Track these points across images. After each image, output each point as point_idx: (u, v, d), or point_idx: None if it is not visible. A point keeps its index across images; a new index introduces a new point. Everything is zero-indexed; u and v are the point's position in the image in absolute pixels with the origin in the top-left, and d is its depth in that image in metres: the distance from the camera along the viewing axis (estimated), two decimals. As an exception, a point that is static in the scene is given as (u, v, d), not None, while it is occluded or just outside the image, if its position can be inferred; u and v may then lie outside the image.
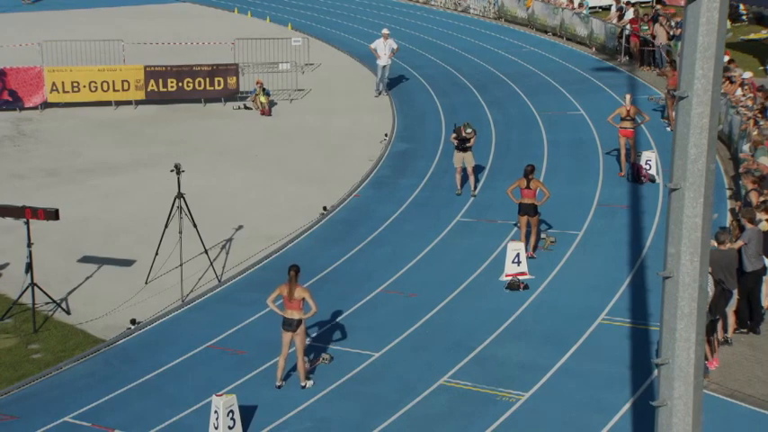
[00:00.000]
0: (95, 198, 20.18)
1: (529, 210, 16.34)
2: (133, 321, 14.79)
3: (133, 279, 16.29)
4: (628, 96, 20.85)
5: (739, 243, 13.65)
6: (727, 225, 16.58)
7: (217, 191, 20.36)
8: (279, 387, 12.77)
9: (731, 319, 13.55)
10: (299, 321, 12.47)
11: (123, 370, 13.56)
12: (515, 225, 17.15)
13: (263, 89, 26.94)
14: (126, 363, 13.78)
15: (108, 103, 27.01)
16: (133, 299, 15.58)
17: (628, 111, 20.24)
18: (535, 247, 16.64)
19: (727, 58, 23.17)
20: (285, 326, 12.54)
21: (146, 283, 16.11)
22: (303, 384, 12.75)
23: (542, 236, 17.06)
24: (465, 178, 19.86)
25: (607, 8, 36.53)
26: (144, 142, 24.07)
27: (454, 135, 19.57)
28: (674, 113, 24.19)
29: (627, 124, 20.26)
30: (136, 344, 14.38)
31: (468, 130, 19.35)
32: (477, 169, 20.44)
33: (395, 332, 14.30)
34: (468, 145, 19.40)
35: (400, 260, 16.90)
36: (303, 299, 12.46)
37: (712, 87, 7.36)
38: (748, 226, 13.82)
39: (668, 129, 23.36)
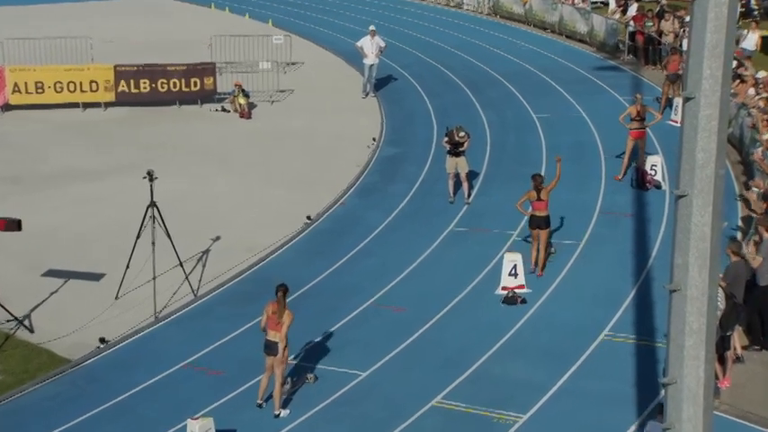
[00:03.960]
0: (62, 207, 20.10)
1: (541, 222, 16.30)
2: (102, 340, 14.73)
3: (102, 294, 16.22)
4: (638, 95, 20.94)
5: (759, 260, 13.65)
6: (739, 225, 16.66)
7: (193, 199, 20.31)
8: (259, 406, 12.73)
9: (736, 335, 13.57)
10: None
11: (91, 392, 13.48)
12: (526, 240, 17.12)
13: (243, 90, 26.91)
14: (94, 384, 13.71)
15: (75, 105, 26.92)
16: (102, 315, 15.51)
17: (638, 110, 20.31)
18: (543, 266, 16.57)
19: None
20: (267, 349, 12.45)
21: (116, 298, 16.05)
22: (277, 413, 12.67)
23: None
24: (458, 185, 19.88)
25: (608, 3, 36.66)
26: (114, 147, 23.99)
27: (446, 139, 19.59)
28: (665, 98, 24.58)
29: (636, 125, 20.33)
30: (105, 364, 14.30)
31: (462, 134, 19.37)
32: (471, 175, 20.46)
33: (383, 349, 14.28)
34: (461, 149, 19.42)
35: (389, 272, 16.89)
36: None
37: (721, 87, 7.36)
38: (765, 235, 13.82)
39: (660, 115, 23.69)
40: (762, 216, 15.02)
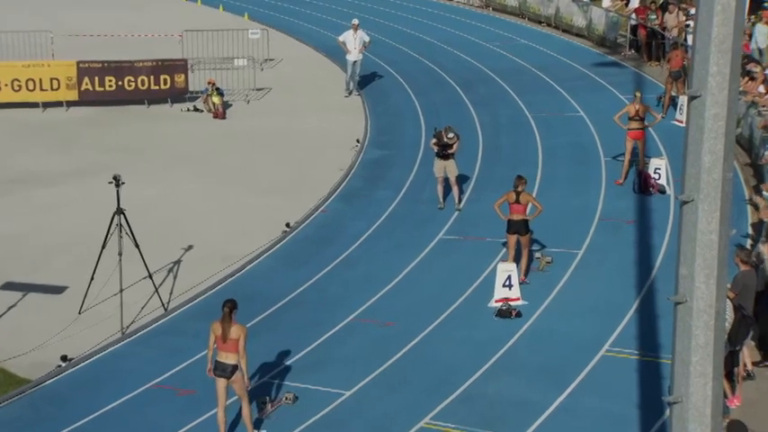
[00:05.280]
0: (20, 214, 20.02)
1: (519, 227, 16.36)
2: (64, 358, 14.65)
3: (64, 308, 16.15)
4: (637, 93, 21.00)
5: None
6: (748, 231, 16.73)
7: (163, 205, 20.27)
8: None
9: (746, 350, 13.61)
10: (235, 366, 12.18)
11: (53, 415, 13.40)
12: (504, 244, 17.19)
13: (217, 88, 26.88)
14: (56, 406, 13.63)
15: (35, 105, 26.83)
16: (64, 331, 15.43)
17: (636, 110, 20.37)
18: (527, 271, 16.65)
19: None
20: (218, 371, 12.24)
21: (79, 312, 15.98)
22: None
23: (536, 256, 17.13)
24: (447, 189, 19.91)
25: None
26: (77, 150, 23.93)
27: (434, 140, 19.63)
28: (668, 97, 24.71)
29: (635, 125, 20.41)
30: (67, 384, 14.22)
31: (450, 135, 19.40)
32: (462, 179, 20.50)
33: (369, 367, 14.27)
34: (449, 152, 19.45)
35: (375, 284, 16.88)
36: (239, 339, 12.10)
37: (729, 85, 7.39)
38: None
39: (660, 115, 23.80)
40: None
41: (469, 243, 18.43)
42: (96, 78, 26.82)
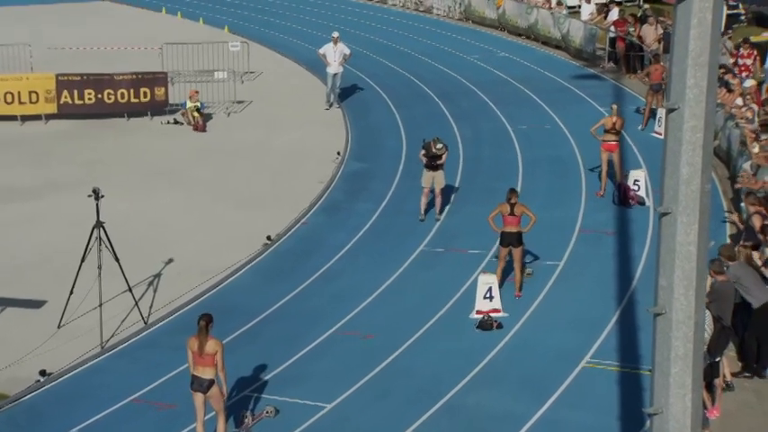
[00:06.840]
0: (-1, 228, 19.93)
1: (513, 239, 16.36)
2: (43, 372, 14.57)
3: (43, 323, 16.05)
4: (614, 106, 21.09)
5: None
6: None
7: (143, 219, 20.20)
8: None
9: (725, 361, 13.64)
10: (212, 381, 12.14)
11: (31, 430, 13.30)
12: (496, 257, 17.19)
13: (197, 108, 26.75)
14: (34, 422, 13.54)
15: (13, 118, 26.71)
16: (43, 346, 15.34)
17: (614, 122, 20.47)
18: (521, 286, 16.65)
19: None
20: (194, 385, 12.19)
21: (58, 327, 15.90)
22: None
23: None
24: (430, 203, 19.92)
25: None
26: (56, 163, 23.83)
27: (423, 152, 19.66)
28: (648, 110, 24.84)
29: (611, 137, 20.50)
30: (46, 399, 14.13)
31: (439, 146, 19.46)
32: (447, 190, 20.52)
33: (350, 379, 14.25)
34: (438, 162, 19.51)
35: (356, 296, 16.87)
36: (216, 354, 12.07)
37: (706, 98, 7.45)
38: (729, 263, 13.79)
39: (639, 128, 23.86)
40: (722, 246, 14.93)
41: (450, 255, 18.45)
42: (75, 91, 26.71)
